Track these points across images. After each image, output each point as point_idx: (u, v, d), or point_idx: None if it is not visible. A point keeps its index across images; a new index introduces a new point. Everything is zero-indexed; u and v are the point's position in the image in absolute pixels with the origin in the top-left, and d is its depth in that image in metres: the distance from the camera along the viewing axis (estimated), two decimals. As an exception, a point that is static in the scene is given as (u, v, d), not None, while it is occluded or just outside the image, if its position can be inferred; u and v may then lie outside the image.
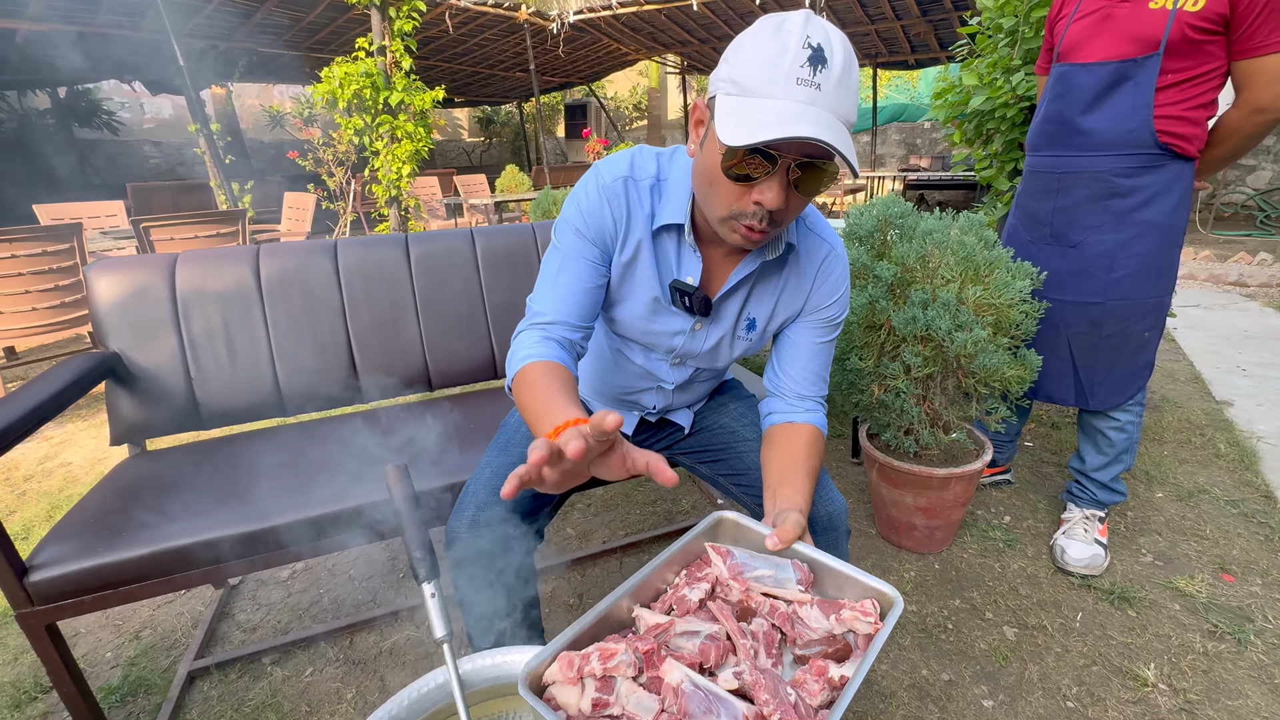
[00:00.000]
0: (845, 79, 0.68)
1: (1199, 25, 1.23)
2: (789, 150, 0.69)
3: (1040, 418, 2.45)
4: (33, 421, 1.01)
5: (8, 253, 2.56)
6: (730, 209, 0.76)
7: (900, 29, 7.93)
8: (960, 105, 2.24)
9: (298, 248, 1.47)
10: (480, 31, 8.12)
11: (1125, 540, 1.73)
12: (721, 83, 0.71)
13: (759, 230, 0.76)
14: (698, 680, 0.58)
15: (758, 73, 0.67)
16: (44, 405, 1.04)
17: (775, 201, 0.72)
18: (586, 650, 0.61)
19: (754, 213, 0.75)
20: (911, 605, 1.53)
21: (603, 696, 0.57)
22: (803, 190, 0.74)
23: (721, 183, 0.74)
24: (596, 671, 0.59)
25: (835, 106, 0.68)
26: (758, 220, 0.75)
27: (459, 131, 15.30)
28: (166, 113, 10.19)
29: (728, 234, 0.79)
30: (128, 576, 0.99)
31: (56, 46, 6.71)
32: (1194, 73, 1.28)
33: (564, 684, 0.59)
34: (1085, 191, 1.43)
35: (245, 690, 1.36)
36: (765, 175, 0.71)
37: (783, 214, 0.76)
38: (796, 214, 0.80)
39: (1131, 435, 1.59)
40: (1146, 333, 1.49)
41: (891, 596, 0.66)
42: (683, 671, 0.58)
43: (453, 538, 0.95)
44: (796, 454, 0.92)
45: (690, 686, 0.57)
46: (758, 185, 0.72)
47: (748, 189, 0.73)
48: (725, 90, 0.71)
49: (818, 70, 0.66)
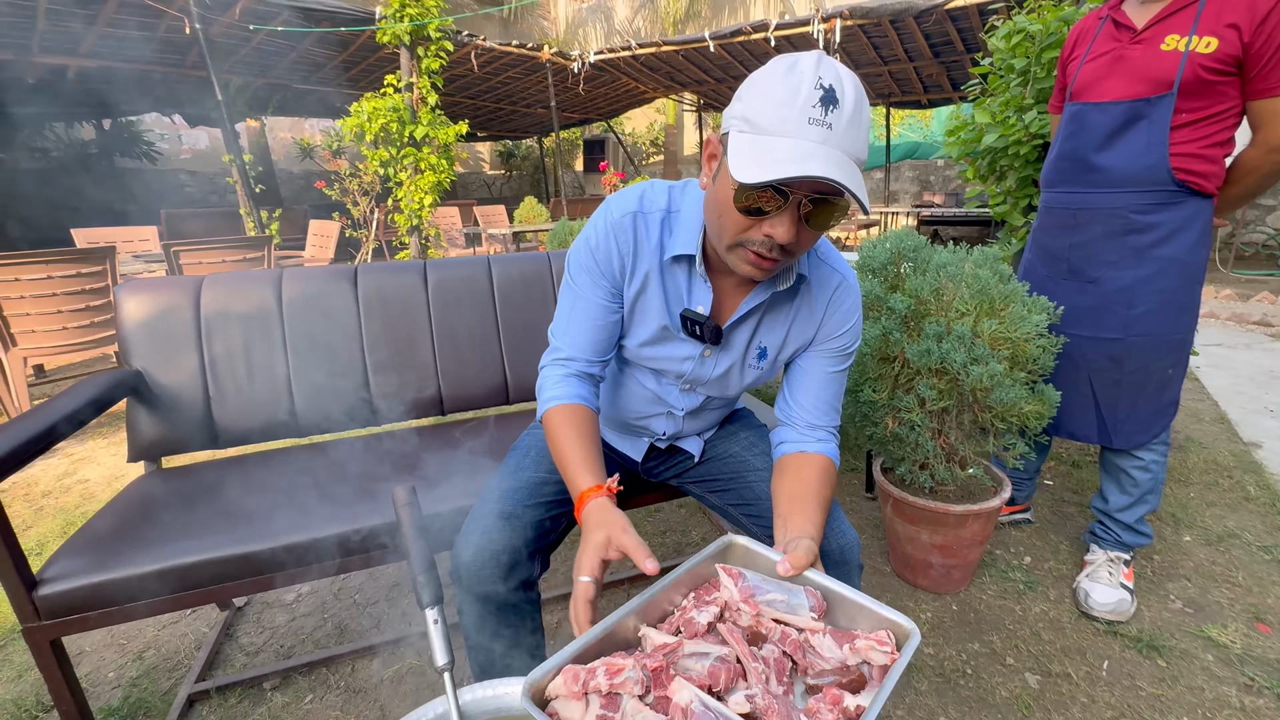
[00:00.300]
0: (856, 118, 0.69)
1: (1211, 66, 1.24)
2: (801, 186, 0.70)
3: (1061, 456, 2.39)
4: (54, 436, 1.03)
5: (44, 274, 2.65)
6: (739, 238, 0.77)
7: (913, 70, 8.08)
8: (973, 142, 2.27)
9: (319, 272, 1.50)
10: (504, 70, 8.41)
11: (1153, 585, 1.66)
12: (735, 120, 0.73)
13: (768, 259, 0.77)
14: (708, 701, 0.56)
15: (771, 112, 0.69)
16: (65, 420, 1.06)
17: (786, 236, 0.73)
18: (593, 665, 0.59)
19: (764, 242, 0.76)
20: (928, 648, 1.47)
21: (608, 714, 0.56)
22: (814, 224, 0.75)
23: (732, 215, 0.75)
24: (602, 687, 0.57)
25: (846, 145, 0.69)
26: (767, 250, 0.76)
27: (480, 164, 15.73)
28: (203, 144, 10.62)
29: (737, 263, 0.80)
30: (133, 593, 0.99)
31: (105, 81, 7.08)
32: (1209, 112, 1.28)
33: (568, 698, 0.58)
34: (1102, 227, 1.42)
35: (244, 716, 1.34)
36: (777, 210, 0.73)
37: (794, 246, 0.77)
38: (808, 248, 0.80)
39: (1156, 475, 1.55)
40: (1170, 370, 1.46)
41: (908, 628, 0.64)
42: (692, 692, 0.57)
43: (456, 562, 0.94)
44: (808, 483, 0.91)
45: (700, 707, 0.55)
46: (769, 219, 0.73)
47: (758, 222, 0.74)
48: (739, 128, 0.72)
49: (829, 110, 0.67)
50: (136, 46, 6.17)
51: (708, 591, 0.73)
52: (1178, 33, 1.28)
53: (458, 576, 0.94)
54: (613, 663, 0.59)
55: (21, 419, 1.02)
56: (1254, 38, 1.20)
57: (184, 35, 5.62)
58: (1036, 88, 2.03)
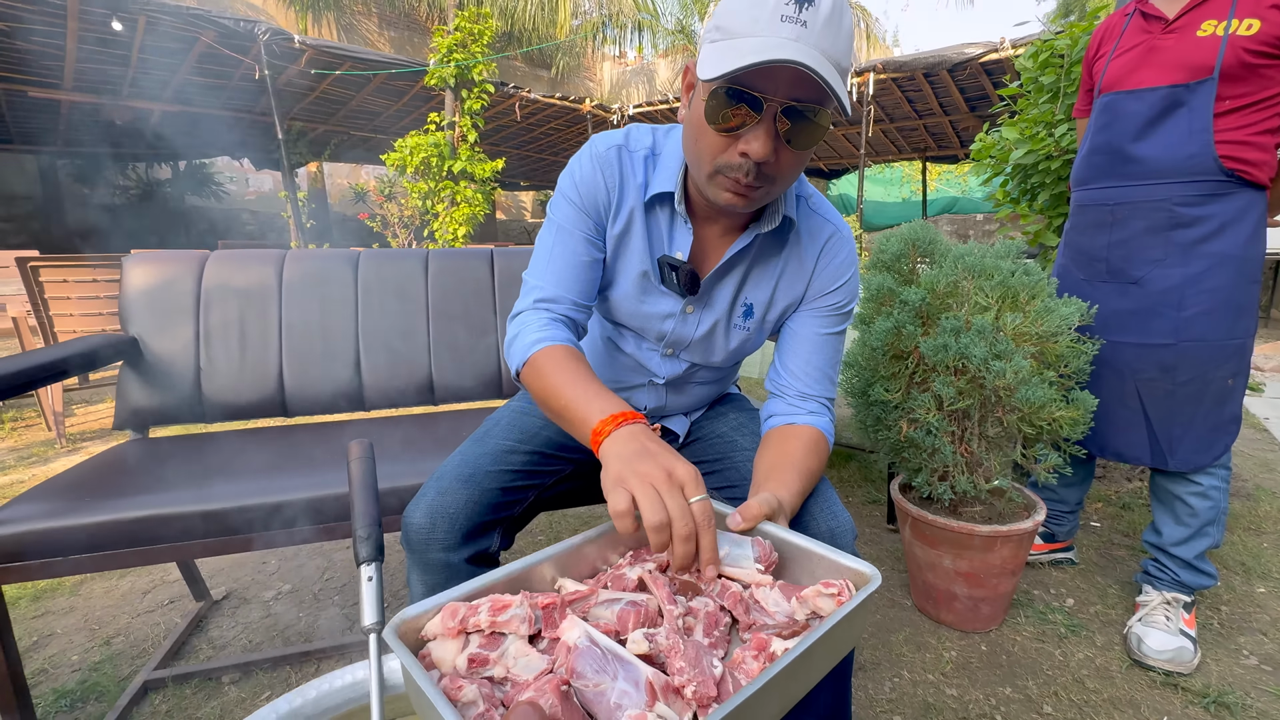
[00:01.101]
0: (835, 19, 0.64)
1: (1256, 50, 1.16)
2: (774, 93, 0.65)
3: (1109, 497, 2.17)
4: (33, 378, 1.02)
5: (89, 276, 2.79)
6: (716, 162, 0.71)
7: (948, 124, 8.11)
8: (1002, 162, 2.19)
9: (322, 254, 1.51)
10: (546, 121, 8.83)
11: (1221, 637, 1.44)
12: (708, 33, 0.69)
13: (746, 184, 0.71)
14: (598, 638, 0.46)
15: (742, 12, 0.64)
16: (45, 367, 1.06)
17: (762, 151, 0.67)
18: (476, 602, 0.51)
19: (741, 165, 0.70)
20: (950, 689, 1.29)
21: (484, 653, 0.47)
22: (794, 143, 0.69)
23: (707, 134, 0.70)
24: (483, 625, 0.48)
25: (824, 45, 0.64)
26: (745, 174, 0.70)
27: (522, 212, 16.36)
28: (267, 186, 11.39)
29: (716, 193, 0.74)
30: (79, 545, 0.95)
31: (184, 125, 7.72)
32: (1256, 97, 1.19)
33: (444, 638, 0.49)
34: (1144, 223, 1.32)
35: (196, 708, 1.25)
36: (752, 124, 0.67)
37: (774, 169, 0.71)
38: (791, 174, 0.74)
39: (1218, 504, 1.36)
40: (1230, 380, 1.30)
41: (868, 574, 0.53)
42: (584, 629, 0.47)
43: (407, 525, 0.86)
44: (790, 453, 0.81)
45: (587, 643, 0.45)
46: (744, 135, 0.68)
47: (734, 140, 0.69)
48: (711, 38, 0.68)
49: (803, 9, 0.63)
50: (213, 93, 6.74)
51: (650, 550, 0.64)
52: (1215, 18, 1.21)
53: (408, 541, 0.86)
54: (500, 599, 0.50)
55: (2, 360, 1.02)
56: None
57: (254, 82, 6.12)
58: (1066, 104, 1.96)
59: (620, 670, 0.44)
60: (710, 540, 0.55)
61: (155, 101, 6.76)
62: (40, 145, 8.10)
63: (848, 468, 2.49)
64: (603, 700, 0.43)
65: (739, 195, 0.72)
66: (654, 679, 0.43)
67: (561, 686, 0.43)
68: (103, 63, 5.67)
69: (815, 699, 0.85)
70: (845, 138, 9.21)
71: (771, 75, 0.63)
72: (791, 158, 0.71)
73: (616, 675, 0.43)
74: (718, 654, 0.49)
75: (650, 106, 8.31)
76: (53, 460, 2.68)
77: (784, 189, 0.77)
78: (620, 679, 0.43)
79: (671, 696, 0.44)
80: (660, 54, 14.65)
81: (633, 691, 0.43)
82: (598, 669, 0.44)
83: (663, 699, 0.43)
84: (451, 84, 4.56)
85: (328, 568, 1.81)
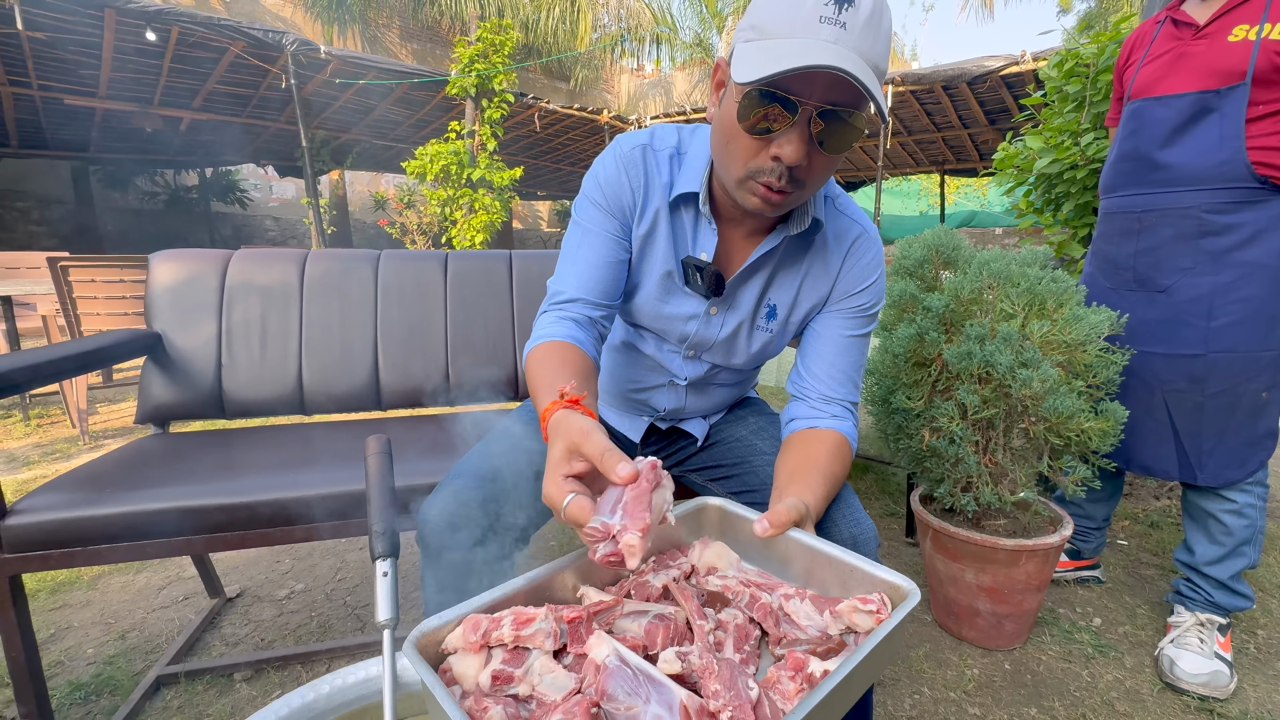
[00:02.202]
0: (875, 20, 0.63)
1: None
2: (810, 96, 0.64)
3: (1137, 515, 2.11)
4: (57, 370, 1.03)
5: (116, 276, 2.85)
6: (748, 167, 0.70)
7: (967, 137, 8.06)
8: (1025, 172, 2.16)
9: (343, 254, 1.52)
10: (565, 132, 8.91)
11: (1259, 662, 1.38)
12: (743, 31, 0.69)
13: (778, 190, 0.70)
14: (628, 656, 0.45)
15: (780, 13, 0.64)
16: (74, 358, 1.07)
17: (795, 155, 0.66)
18: (499, 614, 0.49)
19: (773, 169, 0.69)
20: (973, 708, 1.25)
21: (508, 670, 0.45)
22: (827, 146, 0.68)
23: (739, 137, 0.69)
24: (506, 639, 0.47)
25: (863, 48, 0.63)
26: (776, 178, 0.69)
27: (539, 222, 16.49)
28: (290, 194, 11.60)
29: (745, 197, 0.73)
30: (98, 536, 0.95)
31: (212, 133, 7.91)
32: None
33: (466, 652, 0.47)
34: (1172, 230, 1.29)
35: (208, 704, 1.25)
36: (785, 127, 0.66)
37: (805, 173, 0.70)
38: (822, 178, 0.73)
39: (1254, 523, 1.32)
40: (1264, 393, 1.26)
41: (906, 589, 0.51)
42: (612, 646, 0.45)
43: (422, 521, 0.85)
44: (814, 458, 0.79)
45: (617, 662, 0.44)
46: (777, 138, 0.67)
47: (766, 143, 0.68)
48: (745, 37, 0.68)
49: (843, 9, 0.62)
50: (240, 102, 6.90)
51: (673, 556, 0.62)
52: (1247, 23, 1.19)
53: (423, 539, 0.85)
54: (522, 611, 0.49)
55: (25, 353, 1.04)
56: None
57: (280, 91, 6.25)
58: (1093, 112, 1.94)
59: (653, 693, 0.42)
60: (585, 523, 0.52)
61: (184, 109, 6.93)
62: (73, 151, 8.33)
63: (865, 479, 2.45)
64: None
65: (768, 201, 0.71)
66: (688, 702, 0.41)
67: (591, 709, 0.42)
68: (136, 71, 5.83)
69: (836, 712, 0.82)
70: (862, 150, 9.18)
71: (809, 79, 0.62)
72: (824, 161, 0.70)
73: (649, 698, 0.42)
74: (750, 671, 0.47)
75: (667, 118, 8.36)
76: (75, 456, 2.72)
77: (813, 193, 0.76)
78: (653, 702, 0.41)
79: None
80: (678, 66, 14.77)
81: (666, 716, 0.41)
82: (629, 691, 0.42)
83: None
84: (472, 93, 4.62)
85: (340, 568, 1.81)
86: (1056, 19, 14.25)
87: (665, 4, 13.66)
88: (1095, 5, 11.13)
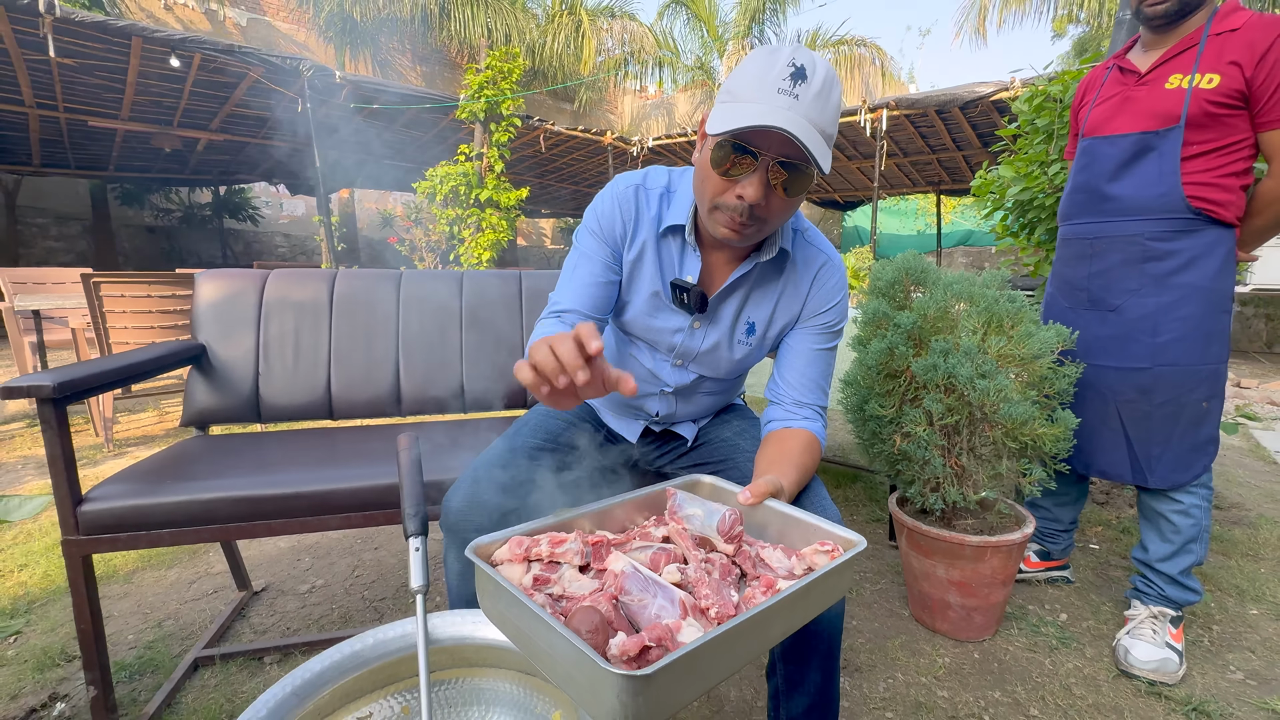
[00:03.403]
0: (824, 94, 0.78)
1: (1216, 100, 1.28)
2: (767, 150, 0.79)
3: (1109, 521, 2.22)
4: (126, 375, 1.18)
5: (144, 292, 3.00)
6: (715, 202, 0.85)
7: (961, 158, 8.26)
8: (1002, 198, 2.32)
9: (370, 274, 1.67)
10: (569, 152, 9.15)
11: (1210, 654, 1.49)
12: (721, 94, 0.84)
13: (740, 223, 0.84)
14: (639, 566, 0.58)
15: (748, 82, 0.79)
16: (137, 365, 1.21)
17: (755, 196, 0.81)
18: (537, 535, 0.63)
19: (736, 206, 0.83)
20: (942, 691, 1.36)
21: (545, 574, 0.59)
22: (784, 190, 0.82)
23: (711, 178, 0.84)
24: (544, 554, 0.60)
25: (811, 114, 0.78)
26: (739, 214, 0.84)
27: (543, 239, 16.75)
28: (300, 211, 11.87)
29: (715, 227, 0.88)
30: (159, 521, 1.09)
31: (227, 153, 8.16)
32: (1220, 143, 1.31)
33: (511, 562, 0.61)
34: (1120, 255, 1.43)
35: (242, 683, 1.37)
36: (747, 172, 0.81)
37: (765, 211, 0.84)
38: (781, 216, 0.87)
39: (1199, 522, 1.44)
40: (1205, 403, 1.39)
41: (855, 540, 0.64)
42: (628, 560, 0.59)
43: (446, 510, 0.98)
44: (789, 451, 0.92)
45: (631, 569, 0.57)
46: (740, 181, 0.82)
47: (732, 184, 0.83)
48: (722, 99, 0.83)
49: (798, 84, 0.77)
50: (256, 123, 7.14)
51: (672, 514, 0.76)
52: (1180, 72, 1.33)
53: (447, 524, 0.98)
54: (557, 534, 0.63)
55: (98, 360, 1.18)
56: (1255, 73, 1.24)
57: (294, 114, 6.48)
58: (1059, 145, 2.09)
59: (659, 591, 0.56)
60: (587, 330, 0.58)
61: (202, 130, 7.18)
62: (93, 170, 8.60)
63: (853, 488, 2.56)
64: (645, 612, 0.54)
65: (733, 231, 0.86)
66: (685, 599, 0.55)
67: (612, 599, 0.55)
68: (159, 95, 6.07)
69: (805, 677, 0.94)
70: (860, 171, 9.40)
71: (766, 136, 0.78)
72: (781, 203, 0.84)
73: (656, 595, 0.55)
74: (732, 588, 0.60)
75: (669, 139, 8.59)
76: (101, 463, 2.86)
77: (774, 229, 0.91)
78: (659, 597, 0.55)
79: (698, 614, 0.55)
80: (680, 89, 15.11)
81: (669, 607, 0.55)
82: (641, 589, 0.56)
83: (692, 615, 0.54)
84: (481, 118, 4.83)
85: (357, 566, 1.93)
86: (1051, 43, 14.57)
87: (668, 28, 14.03)
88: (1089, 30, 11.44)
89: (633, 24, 13.44)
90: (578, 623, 0.50)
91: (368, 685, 0.80)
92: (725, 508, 0.69)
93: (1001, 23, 11.20)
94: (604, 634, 0.50)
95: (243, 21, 10.91)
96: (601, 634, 0.50)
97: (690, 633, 0.52)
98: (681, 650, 0.45)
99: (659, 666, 0.43)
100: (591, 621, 0.50)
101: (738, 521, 0.68)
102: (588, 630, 0.49)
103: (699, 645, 0.46)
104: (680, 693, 0.47)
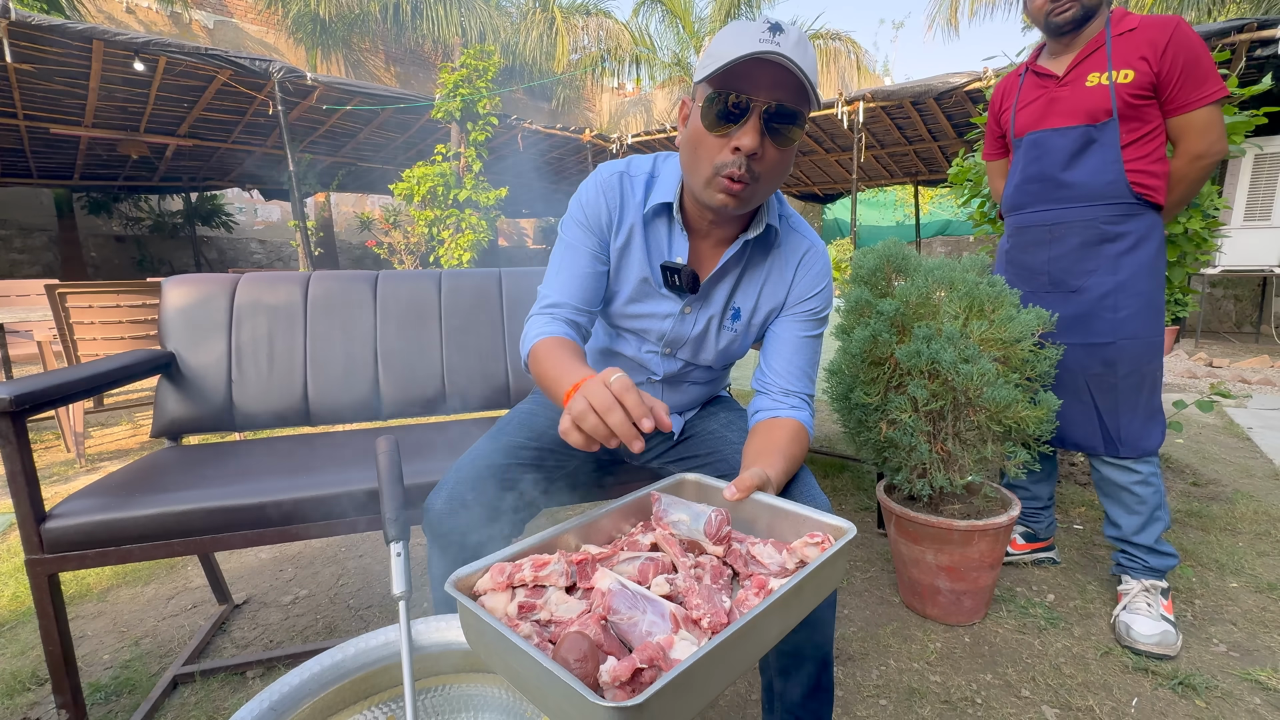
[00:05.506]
0: (802, 44, 0.79)
1: (1135, 93, 1.36)
2: (759, 94, 0.79)
3: (1092, 502, 2.25)
4: (90, 386, 1.13)
5: (113, 302, 2.92)
6: (714, 163, 0.84)
7: (938, 149, 8.35)
8: (978, 185, 2.34)
9: (345, 276, 1.63)
10: (548, 151, 9.10)
11: (1194, 628, 1.51)
12: (703, 58, 0.84)
13: (739, 179, 0.83)
14: (626, 582, 0.56)
15: (728, 42, 0.79)
16: (101, 375, 1.17)
17: (752, 143, 0.80)
18: (519, 560, 0.60)
19: (735, 160, 0.82)
20: (934, 675, 1.37)
21: (530, 601, 0.56)
22: (777, 140, 0.82)
23: (704, 140, 0.83)
24: (527, 579, 0.58)
25: (795, 56, 0.77)
26: (738, 168, 0.82)
27: (524, 239, 16.64)
28: (274, 216, 11.65)
29: (712, 195, 0.86)
30: (130, 536, 1.05)
31: (197, 158, 7.97)
32: (1143, 131, 1.39)
33: (494, 591, 0.59)
34: (1079, 239, 1.47)
35: (223, 700, 1.33)
36: (742, 121, 0.80)
37: (760, 164, 0.83)
38: (774, 173, 0.86)
39: (1159, 489, 1.49)
40: (1157, 371, 1.48)
41: (845, 528, 0.63)
42: (615, 577, 0.57)
43: (428, 511, 0.96)
44: (776, 440, 0.91)
45: (619, 587, 0.55)
46: (735, 132, 0.81)
47: (727, 140, 0.82)
48: (704, 63, 0.83)
49: (776, 35, 0.78)
50: (226, 128, 6.99)
51: (658, 520, 0.74)
52: (1097, 71, 1.40)
53: (430, 526, 0.96)
54: (539, 557, 0.60)
55: (59, 371, 1.13)
56: (1160, 65, 1.33)
57: (267, 118, 6.35)
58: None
59: (648, 606, 0.54)
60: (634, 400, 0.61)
61: (170, 136, 7.01)
62: (57, 179, 8.35)
63: (841, 477, 2.57)
64: (636, 630, 0.52)
65: (731, 195, 0.85)
66: (676, 612, 0.53)
67: (601, 620, 0.53)
68: (123, 100, 5.91)
69: (799, 666, 0.94)
70: (839, 163, 9.46)
71: (756, 80, 0.78)
72: (776, 155, 0.83)
73: (645, 610, 0.53)
74: (723, 595, 0.59)
75: (648, 135, 8.57)
76: (73, 479, 2.77)
77: (769, 191, 0.90)
78: (649, 613, 0.53)
79: (691, 626, 0.53)
80: (658, 85, 15.07)
81: (660, 622, 0.53)
82: (630, 606, 0.54)
83: (684, 628, 0.53)
84: (457, 117, 4.77)
85: (342, 574, 1.89)
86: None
87: (644, 25, 13.99)
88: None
89: (608, 21, 13.39)
90: (566, 651, 0.48)
91: (350, 696, 0.78)
92: (711, 509, 0.68)
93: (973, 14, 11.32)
94: (594, 660, 0.48)
95: (209, 24, 10.68)
96: (591, 660, 0.48)
97: (683, 647, 0.50)
98: (673, 672, 0.43)
99: (650, 694, 0.41)
100: (580, 649, 0.48)
101: (725, 522, 0.67)
102: (576, 659, 0.47)
103: (692, 663, 0.44)
104: (678, 713, 0.45)
